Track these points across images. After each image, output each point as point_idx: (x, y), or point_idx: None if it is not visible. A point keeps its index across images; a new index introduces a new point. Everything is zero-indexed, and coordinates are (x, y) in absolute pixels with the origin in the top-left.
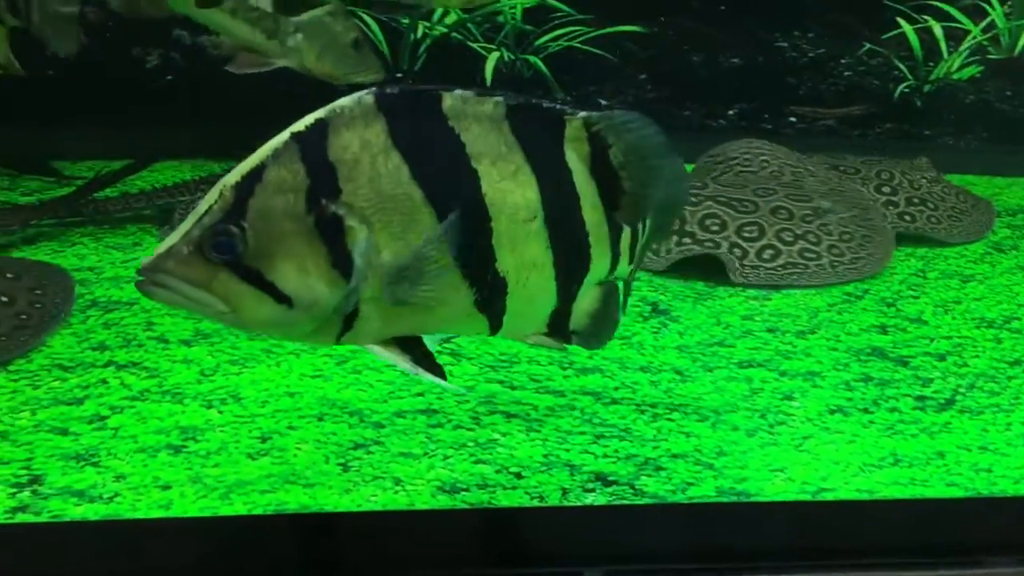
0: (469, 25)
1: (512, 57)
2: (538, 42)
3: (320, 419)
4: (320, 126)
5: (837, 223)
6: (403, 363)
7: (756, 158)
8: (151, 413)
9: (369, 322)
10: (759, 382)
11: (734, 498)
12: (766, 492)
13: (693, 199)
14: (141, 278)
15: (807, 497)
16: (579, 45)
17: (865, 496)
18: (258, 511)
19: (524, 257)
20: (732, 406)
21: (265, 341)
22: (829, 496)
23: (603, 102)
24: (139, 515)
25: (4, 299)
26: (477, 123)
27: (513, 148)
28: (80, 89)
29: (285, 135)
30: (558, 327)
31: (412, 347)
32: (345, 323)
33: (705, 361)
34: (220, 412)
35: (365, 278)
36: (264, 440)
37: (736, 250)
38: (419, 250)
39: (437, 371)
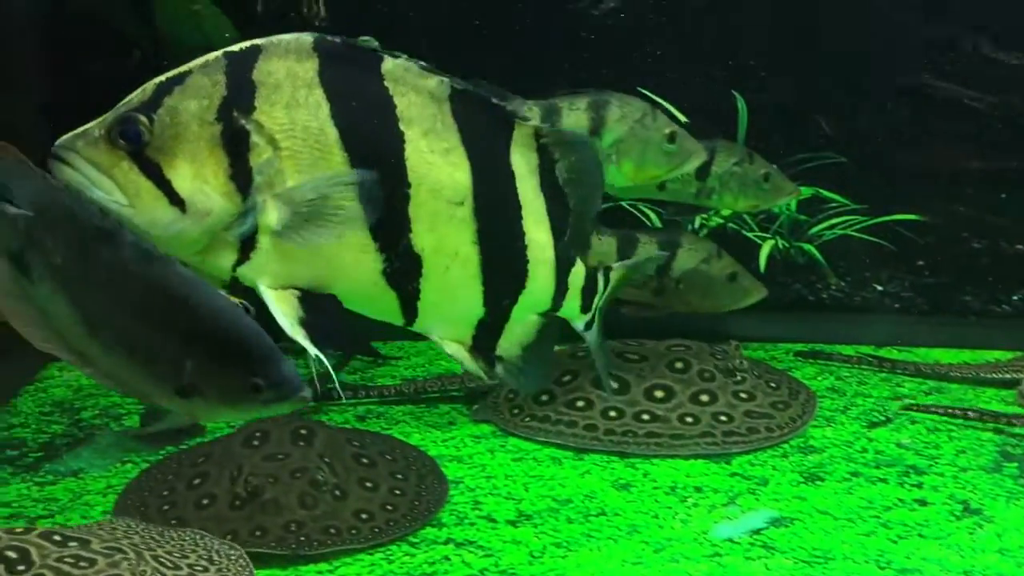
0: (745, 216)
1: (786, 245)
2: (812, 231)
3: None
4: (253, 50)
5: None
6: (285, 321)
7: None
8: None
9: (266, 257)
10: None
11: None
12: None
13: None
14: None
15: None
16: (854, 233)
17: None
18: None
19: (445, 242)
20: None
21: (583, 525)
22: None
23: (879, 288)
24: None
25: (400, 478)
26: (415, 93)
27: (450, 128)
28: None
29: (219, 52)
30: (482, 343)
31: (318, 306)
32: (242, 251)
33: None
34: None
35: (263, 200)
36: None
37: None
38: (320, 185)
39: (328, 340)
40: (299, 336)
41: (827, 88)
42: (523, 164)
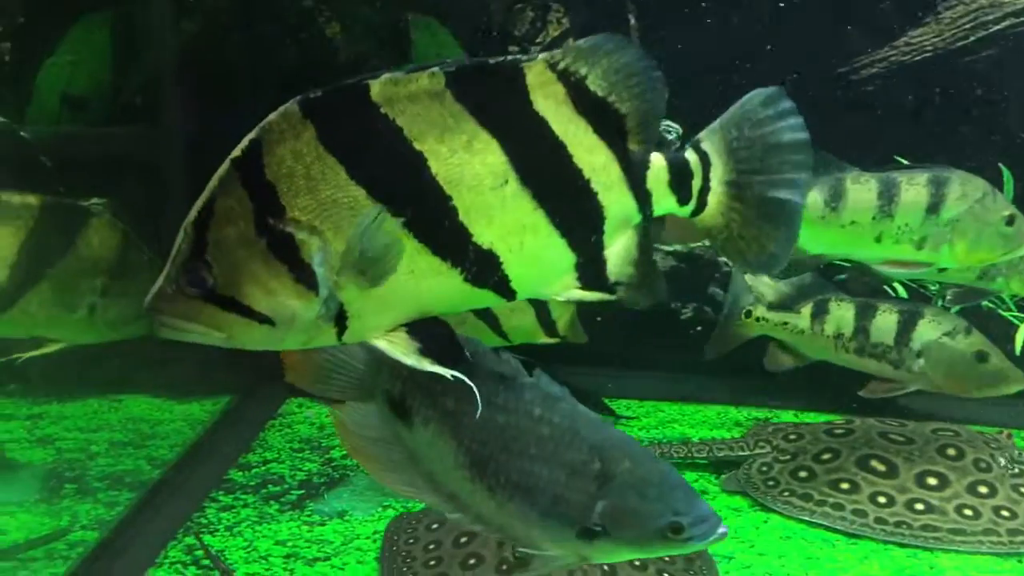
0: (1004, 296)
1: None
2: None
3: None
4: (254, 147)
5: None
6: (407, 360)
7: None
8: None
9: (362, 319)
10: None
11: None
12: None
13: None
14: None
15: None
16: None
17: None
18: None
19: (507, 225)
20: None
21: None
22: None
23: None
24: None
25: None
26: (413, 103)
27: (460, 116)
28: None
29: (227, 163)
30: (591, 279)
31: (430, 330)
32: (338, 325)
33: None
34: None
35: (334, 285)
36: None
37: None
38: (363, 237)
39: (446, 359)
40: (426, 365)
41: None
42: (549, 101)
